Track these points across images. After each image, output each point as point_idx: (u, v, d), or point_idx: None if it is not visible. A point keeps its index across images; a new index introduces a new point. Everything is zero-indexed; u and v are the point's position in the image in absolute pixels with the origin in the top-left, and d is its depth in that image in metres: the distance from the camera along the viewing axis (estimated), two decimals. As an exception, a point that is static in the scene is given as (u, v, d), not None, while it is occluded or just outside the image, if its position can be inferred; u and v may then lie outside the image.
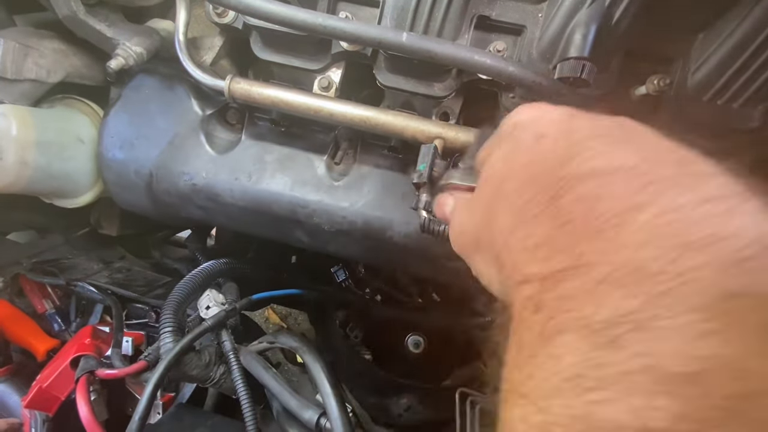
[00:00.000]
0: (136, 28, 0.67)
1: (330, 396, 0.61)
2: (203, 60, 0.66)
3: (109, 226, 0.92)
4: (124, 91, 0.70)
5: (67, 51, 0.69)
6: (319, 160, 0.66)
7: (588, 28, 0.43)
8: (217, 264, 0.77)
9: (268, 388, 0.66)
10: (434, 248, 0.64)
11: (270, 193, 0.66)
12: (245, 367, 0.67)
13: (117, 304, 0.84)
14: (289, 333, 0.73)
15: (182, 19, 0.61)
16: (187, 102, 0.69)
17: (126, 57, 0.64)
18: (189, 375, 0.65)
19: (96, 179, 0.74)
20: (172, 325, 0.65)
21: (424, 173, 0.51)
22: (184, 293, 0.69)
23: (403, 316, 0.99)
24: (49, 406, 0.74)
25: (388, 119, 0.58)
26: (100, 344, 0.78)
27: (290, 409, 0.63)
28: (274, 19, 0.50)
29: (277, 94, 0.60)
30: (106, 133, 0.69)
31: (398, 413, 0.98)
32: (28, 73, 0.63)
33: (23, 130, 0.62)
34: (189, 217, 0.72)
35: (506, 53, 0.54)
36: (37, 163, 0.64)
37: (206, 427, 0.68)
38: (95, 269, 0.89)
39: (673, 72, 0.50)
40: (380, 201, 0.64)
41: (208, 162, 0.67)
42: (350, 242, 0.67)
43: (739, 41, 0.44)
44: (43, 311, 0.90)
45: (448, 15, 0.51)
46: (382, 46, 0.50)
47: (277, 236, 0.71)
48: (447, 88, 0.58)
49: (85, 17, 0.62)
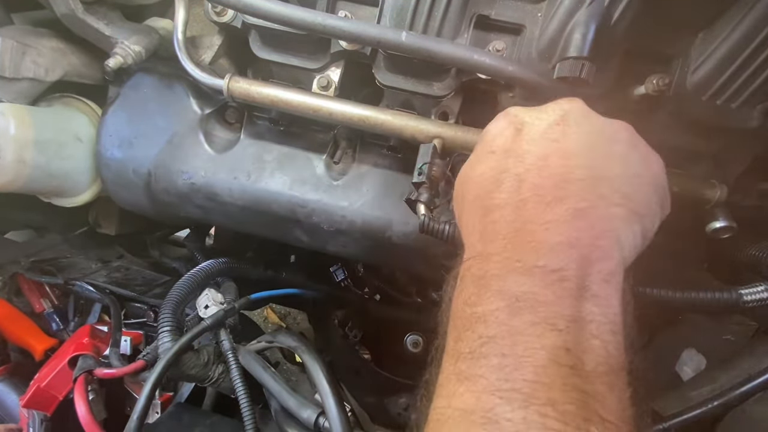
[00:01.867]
0: (135, 27, 0.67)
1: (328, 395, 0.61)
2: (202, 59, 0.66)
3: (107, 225, 0.91)
4: (122, 89, 0.70)
5: (65, 49, 0.69)
6: (318, 159, 0.66)
7: (587, 27, 0.43)
8: (215, 263, 0.77)
9: (266, 388, 0.66)
10: (433, 248, 0.64)
11: (269, 193, 0.66)
12: (244, 366, 0.67)
13: (115, 304, 0.83)
14: (288, 332, 0.73)
15: (181, 17, 0.61)
16: (186, 101, 0.69)
17: (124, 56, 0.64)
18: (187, 374, 0.65)
19: (94, 178, 0.74)
20: (171, 325, 0.65)
21: (424, 172, 0.51)
22: (183, 292, 0.69)
23: (402, 315, 0.99)
24: (47, 406, 0.74)
25: (387, 118, 0.58)
26: (99, 343, 0.78)
27: (288, 409, 0.63)
28: (273, 18, 0.50)
29: (276, 93, 0.60)
30: (105, 132, 0.69)
31: (397, 412, 0.98)
32: (27, 71, 0.63)
33: (21, 128, 0.61)
34: (188, 216, 0.72)
35: (505, 53, 0.54)
36: (35, 162, 0.64)
37: (205, 427, 0.68)
38: (93, 268, 0.88)
39: (672, 71, 0.50)
40: (379, 200, 0.64)
41: (207, 161, 0.67)
42: (349, 241, 0.67)
43: (739, 41, 0.44)
44: (41, 310, 0.90)
45: (448, 14, 0.51)
46: (381, 46, 0.50)
47: (276, 235, 0.71)
48: (446, 87, 0.58)
49: (83, 16, 0.61)
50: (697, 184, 0.55)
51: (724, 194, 0.54)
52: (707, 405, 0.44)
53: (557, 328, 0.26)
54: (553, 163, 0.32)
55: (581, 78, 0.43)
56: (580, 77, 0.43)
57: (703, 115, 0.50)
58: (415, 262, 0.68)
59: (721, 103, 0.49)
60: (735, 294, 0.46)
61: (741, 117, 0.49)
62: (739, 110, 0.49)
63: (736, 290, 0.46)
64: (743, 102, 0.48)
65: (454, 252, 0.39)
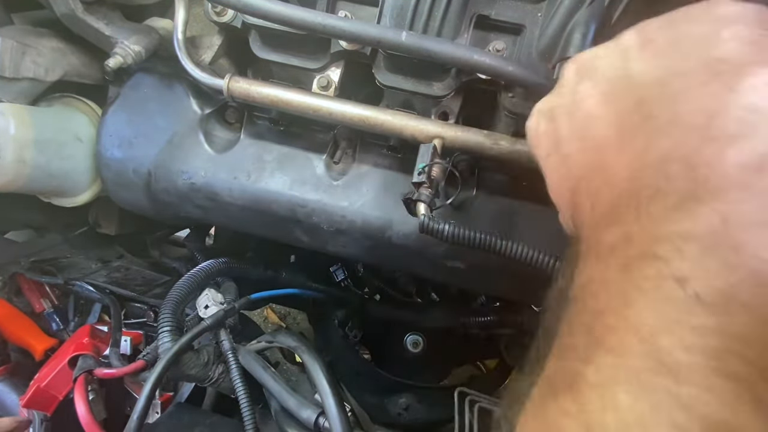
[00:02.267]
0: (135, 27, 0.67)
1: (328, 395, 0.61)
2: (202, 59, 0.66)
3: (107, 225, 0.91)
4: (122, 89, 0.70)
5: (65, 49, 0.69)
6: (318, 159, 0.66)
7: (587, 27, 0.43)
8: (215, 263, 0.77)
9: (266, 388, 0.66)
10: (433, 248, 0.64)
11: (269, 193, 0.66)
12: (244, 366, 0.67)
13: (115, 304, 0.83)
14: (288, 332, 0.73)
15: (181, 17, 0.61)
16: (186, 101, 0.69)
17: (124, 56, 0.64)
18: (187, 374, 0.65)
19: (94, 178, 0.74)
20: (171, 325, 0.65)
21: (424, 173, 0.51)
22: (183, 292, 0.69)
23: (402, 315, 0.99)
24: (47, 406, 0.74)
25: (387, 118, 0.58)
26: (99, 343, 0.78)
27: (288, 409, 0.63)
28: (273, 18, 0.50)
29: (276, 93, 0.60)
30: (105, 132, 0.69)
31: (397, 413, 0.98)
32: (26, 71, 0.63)
33: (21, 128, 0.61)
34: (188, 216, 0.72)
35: (505, 53, 0.54)
36: (35, 162, 0.64)
37: (205, 426, 0.68)
38: (93, 268, 0.88)
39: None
40: (379, 200, 0.64)
41: (207, 161, 0.67)
42: (349, 242, 0.67)
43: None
44: (41, 310, 0.90)
45: (448, 14, 0.51)
46: (381, 46, 0.50)
47: (276, 236, 0.71)
48: (446, 87, 0.58)
49: (83, 15, 0.62)
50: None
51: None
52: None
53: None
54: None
55: (581, 78, 0.43)
56: (580, 77, 0.43)
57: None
58: (415, 262, 0.68)
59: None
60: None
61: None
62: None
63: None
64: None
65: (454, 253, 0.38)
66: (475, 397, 0.74)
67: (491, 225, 0.63)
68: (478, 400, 0.73)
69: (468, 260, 0.64)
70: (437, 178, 0.53)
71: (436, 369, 1.11)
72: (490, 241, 0.49)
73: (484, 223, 0.63)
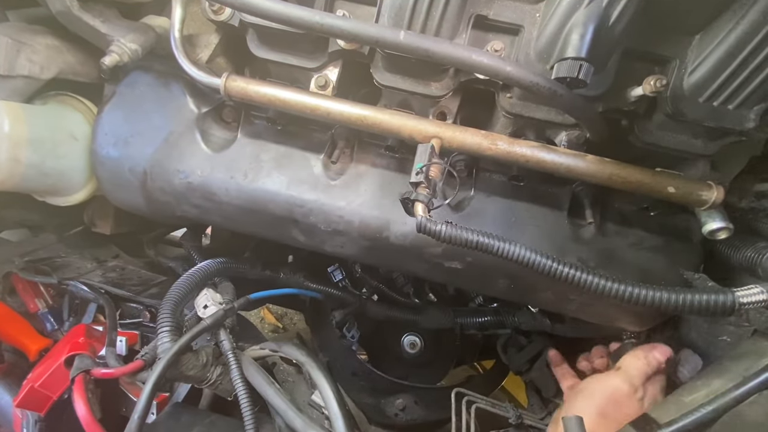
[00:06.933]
0: (131, 25, 0.66)
1: (339, 418, 0.61)
2: (199, 57, 0.65)
3: (102, 225, 0.91)
4: (118, 88, 0.69)
5: (60, 47, 0.68)
6: (316, 158, 0.66)
7: (585, 28, 0.43)
8: (214, 263, 0.77)
9: (270, 404, 0.65)
10: (431, 248, 0.64)
11: (266, 192, 0.65)
12: (246, 377, 0.66)
13: (110, 303, 0.83)
14: (295, 345, 0.71)
15: (178, 16, 0.61)
16: (183, 99, 0.68)
17: (120, 54, 0.63)
18: (186, 375, 0.64)
19: (89, 177, 0.73)
20: (171, 324, 0.64)
21: (422, 173, 0.51)
22: (182, 292, 0.68)
23: (400, 316, 0.99)
24: (40, 406, 0.73)
25: (385, 118, 0.58)
26: (94, 343, 0.78)
27: (295, 429, 0.62)
28: (271, 17, 0.50)
29: (274, 92, 0.59)
30: (100, 131, 0.68)
31: (394, 413, 0.98)
32: (21, 69, 0.63)
33: (16, 126, 0.61)
34: (184, 215, 0.71)
35: (503, 53, 0.54)
36: (29, 161, 0.63)
37: (204, 426, 0.68)
38: (88, 268, 0.88)
39: (670, 73, 0.50)
40: (377, 200, 0.64)
41: (204, 160, 0.67)
42: (347, 242, 0.67)
43: (735, 43, 0.45)
44: (35, 310, 0.89)
45: (446, 14, 0.51)
46: (379, 45, 0.50)
47: (273, 235, 0.71)
48: (444, 87, 0.58)
49: (79, 13, 0.61)
50: (694, 185, 0.55)
51: (721, 195, 0.54)
52: (702, 410, 0.44)
53: None
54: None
55: (579, 79, 0.43)
56: (577, 78, 0.43)
57: (699, 117, 0.50)
58: (413, 262, 0.68)
59: (717, 104, 0.49)
60: (731, 296, 0.46)
61: (738, 118, 0.49)
62: (735, 112, 0.49)
63: (732, 292, 0.46)
64: (740, 104, 0.48)
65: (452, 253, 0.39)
66: (472, 398, 0.74)
67: (489, 225, 0.63)
68: (475, 401, 0.73)
69: (465, 261, 0.64)
70: (435, 178, 0.53)
71: (433, 369, 1.11)
72: (487, 242, 0.49)
73: (482, 224, 0.63)
